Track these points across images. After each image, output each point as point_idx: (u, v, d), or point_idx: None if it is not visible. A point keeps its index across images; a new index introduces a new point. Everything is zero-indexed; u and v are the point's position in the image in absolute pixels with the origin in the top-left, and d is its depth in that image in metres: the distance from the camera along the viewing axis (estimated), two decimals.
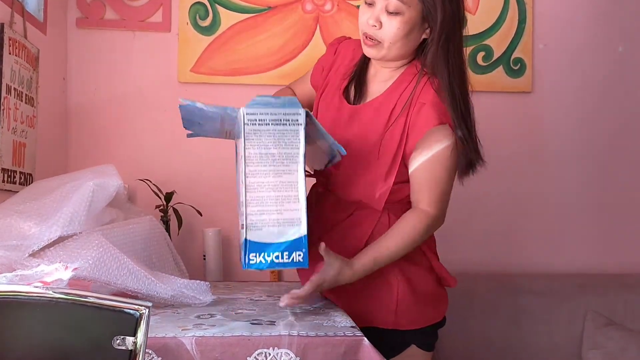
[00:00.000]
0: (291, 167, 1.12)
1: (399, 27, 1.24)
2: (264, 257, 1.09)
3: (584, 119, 2.26)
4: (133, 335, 0.82)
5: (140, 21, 2.10)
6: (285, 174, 1.11)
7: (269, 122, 1.14)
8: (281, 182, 1.11)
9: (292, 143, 1.12)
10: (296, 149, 1.12)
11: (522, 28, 2.21)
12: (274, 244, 1.10)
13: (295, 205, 1.11)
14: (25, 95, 1.67)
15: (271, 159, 1.12)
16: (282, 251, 1.10)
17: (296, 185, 1.12)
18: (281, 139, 1.12)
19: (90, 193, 1.20)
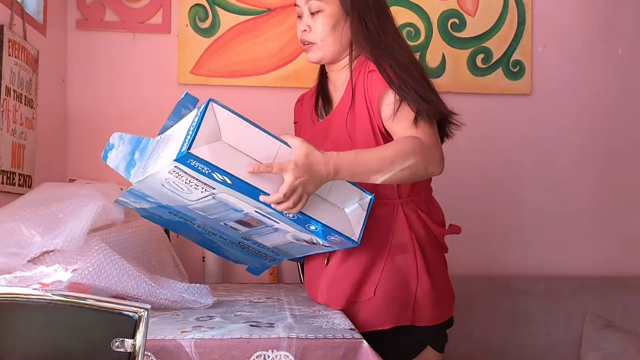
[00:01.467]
0: (162, 141, 1.20)
1: (323, 23, 1.34)
2: (188, 141, 1.05)
3: (583, 121, 2.26)
4: (132, 338, 0.82)
5: (140, 23, 2.10)
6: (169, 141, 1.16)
7: (145, 162, 1.22)
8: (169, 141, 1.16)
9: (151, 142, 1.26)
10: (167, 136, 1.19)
11: (522, 30, 2.22)
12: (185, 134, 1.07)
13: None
14: (25, 97, 1.67)
15: (153, 153, 1.20)
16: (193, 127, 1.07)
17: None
18: (149, 153, 1.22)
19: (95, 213, 1.21)
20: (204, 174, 1.05)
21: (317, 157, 1.11)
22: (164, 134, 1.20)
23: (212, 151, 1.03)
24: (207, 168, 1.03)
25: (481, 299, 2.06)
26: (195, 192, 1.12)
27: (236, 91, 2.13)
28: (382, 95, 1.28)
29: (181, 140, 1.05)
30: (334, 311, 1.27)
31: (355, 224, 1.19)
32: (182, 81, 2.11)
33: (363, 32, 1.33)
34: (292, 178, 1.07)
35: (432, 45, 2.18)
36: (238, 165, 1.05)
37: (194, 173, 1.05)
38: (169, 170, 1.07)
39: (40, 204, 1.23)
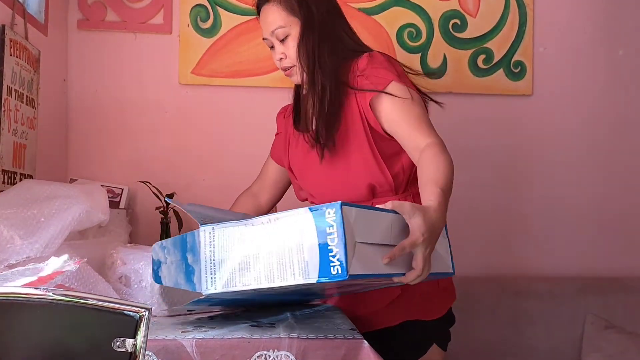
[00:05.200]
0: (248, 233, 0.98)
1: (294, 45, 1.37)
2: (333, 260, 0.90)
3: (584, 122, 2.26)
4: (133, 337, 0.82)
5: (141, 23, 2.11)
6: (256, 238, 0.98)
7: (212, 263, 1.01)
8: (265, 244, 0.96)
9: (229, 235, 1.00)
10: (233, 230, 1.00)
11: (523, 31, 2.22)
12: (320, 249, 0.92)
13: (283, 225, 0.95)
14: (26, 97, 1.68)
15: (246, 257, 0.97)
16: (324, 238, 0.91)
17: (266, 222, 0.97)
18: (227, 248, 1.00)
19: (78, 217, 1.19)
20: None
21: (432, 216, 1.04)
22: (224, 225, 1.02)
23: (359, 260, 0.92)
24: (352, 279, 0.92)
25: (482, 299, 2.06)
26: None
27: (237, 91, 2.13)
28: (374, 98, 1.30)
29: (315, 255, 0.91)
30: (334, 311, 1.27)
31: (445, 255, 1.11)
32: (183, 81, 2.11)
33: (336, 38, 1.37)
34: (423, 250, 1.01)
35: (434, 45, 2.18)
36: (375, 261, 0.96)
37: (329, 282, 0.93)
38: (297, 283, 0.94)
39: (21, 204, 1.20)
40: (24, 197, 1.22)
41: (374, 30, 2.15)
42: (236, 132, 2.15)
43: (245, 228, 0.98)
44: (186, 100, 2.13)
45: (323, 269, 0.91)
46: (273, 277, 0.94)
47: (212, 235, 1.01)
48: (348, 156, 1.34)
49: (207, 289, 1.00)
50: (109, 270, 1.29)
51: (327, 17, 1.38)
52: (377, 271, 0.95)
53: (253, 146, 2.15)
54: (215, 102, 2.14)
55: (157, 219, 1.97)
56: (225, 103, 2.14)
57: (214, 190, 2.10)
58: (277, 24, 1.37)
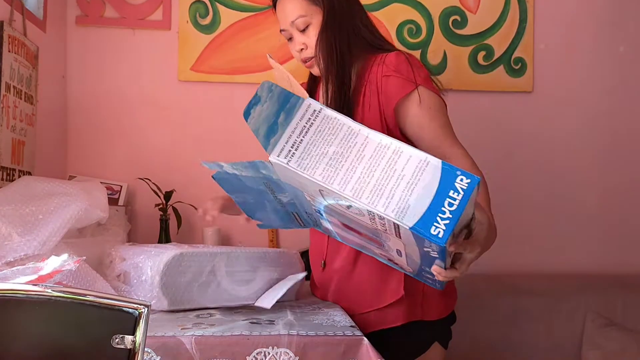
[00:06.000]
0: (359, 139, 0.90)
1: (316, 34, 1.33)
2: (439, 221, 0.84)
3: (585, 119, 2.26)
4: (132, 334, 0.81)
5: (140, 19, 2.10)
6: (365, 149, 0.89)
7: (300, 138, 0.92)
8: (370, 159, 0.89)
9: (335, 126, 0.91)
10: (344, 125, 0.91)
11: (523, 28, 2.21)
12: (432, 203, 0.85)
13: (404, 158, 0.88)
14: (25, 93, 1.67)
15: (340, 156, 0.89)
16: (442, 198, 0.85)
17: (384, 145, 0.89)
18: (323, 136, 0.91)
19: (76, 214, 1.19)
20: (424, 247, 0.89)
21: (490, 231, 1.04)
22: (335, 113, 0.94)
23: (453, 235, 0.87)
24: (436, 246, 0.87)
25: (482, 297, 2.05)
26: (368, 223, 0.94)
27: (237, 88, 2.13)
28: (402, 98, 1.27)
29: (423, 205, 0.85)
30: (334, 308, 1.27)
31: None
32: (182, 78, 2.11)
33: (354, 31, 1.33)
34: (473, 258, 0.99)
35: (434, 42, 2.18)
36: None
37: (411, 238, 0.88)
38: (375, 214, 0.88)
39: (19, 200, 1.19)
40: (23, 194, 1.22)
41: None
42: (235, 128, 2.14)
43: (356, 130, 0.91)
44: (185, 97, 2.12)
45: (424, 222, 0.84)
46: (361, 193, 0.87)
47: (316, 115, 0.92)
48: None
49: (277, 157, 0.90)
50: (107, 269, 1.29)
51: (347, 8, 1.35)
52: (444, 256, 0.92)
53: (252, 143, 2.14)
54: (215, 98, 2.13)
55: (157, 217, 1.97)
56: (224, 100, 2.13)
57: (214, 187, 2.10)
58: (297, 13, 1.33)
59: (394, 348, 1.18)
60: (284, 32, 1.39)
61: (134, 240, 1.92)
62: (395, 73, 1.28)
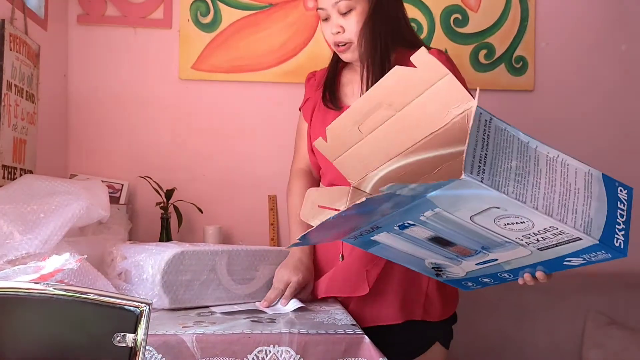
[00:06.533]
0: (530, 153, 0.88)
1: (357, 21, 1.32)
2: (618, 232, 0.87)
3: (587, 118, 2.25)
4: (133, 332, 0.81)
5: (141, 18, 2.10)
6: (539, 163, 0.87)
7: (483, 152, 0.84)
8: (547, 173, 0.87)
9: (507, 138, 0.88)
10: (514, 137, 0.88)
11: (525, 26, 2.21)
12: (608, 216, 0.87)
13: (572, 170, 0.88)
14: (26, 92, 1.67)
15: (522, 171, 0.86)
16: (614, 210, 0.88)
17: (552, 158, 0.88)
18: (502, 148, 0.87)
19: (78, 213, 1.19)
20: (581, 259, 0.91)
21: None
22: (504, 123, 0.90)
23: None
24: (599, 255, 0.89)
25: (484, 295, 2.04)
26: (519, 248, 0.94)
27: (237, 87, 2.13)
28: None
29: (601, 219, 0.87)
30: (335, 307, 1.27)
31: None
32: (183, 76, 2.11)
33: (370, 30, 1.33)
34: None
35: (435, 40, 2.17)
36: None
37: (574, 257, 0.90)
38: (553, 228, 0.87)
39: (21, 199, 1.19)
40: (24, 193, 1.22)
41: None
42: (236, 127, 2.14)
43: (525, 141, 0.88)
44: (186, 96, 2.12)
45: (607, 235, 0.86)
46: (552, 209, 0.85)
47: (489, 125, 0.87)
48: None
49: (470, 174, 0.81)
50: (109, 268, 1.29)
51: (393, 1, 1.36)
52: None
53: (253, 141, 2.15)
54: (216, 97, 2.13)
55: (157, 215, 1.97)
56: (225, 98, 2.13)
57: (215, 186, 2.10)
58: None
59: (394, 346, 1.18)
60: (321, 11, 1.36)
61: (135, 239, 1.92)
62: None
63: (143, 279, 1.19)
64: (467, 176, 0.81)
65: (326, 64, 1.52)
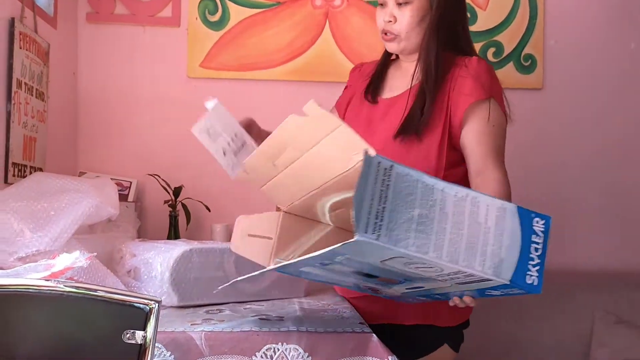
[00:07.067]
0: (436, 196, 0.84)
1: (411, 15, 1.31)
2: (531, 268, 0.86)
3: (595, 116, 2.24)
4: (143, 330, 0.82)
5: (150, 16, 2.10)
6: (445, 206, 0.84)
7: (381, 206, 0.81)
8: (453, 216, 0.84)
9: (410, 185, 0.83)
10: (418, 182, 0.84)
11: (533, 24, 2.20)
12: (521, 252, 0.85)
13: (483, 208, 0.85)
14: (36, 90, 1.68)
15: (425, 219, 0.82)
16: (528, 245, 0.86)
17: (461, 197, 0.85)
18: (402, 197, 0.82)
19: (87, 211, 1.20)
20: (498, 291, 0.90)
21: None
22: (406, 169, 0.84)
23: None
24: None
25: None
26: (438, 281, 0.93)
27: (245, 85, 2.13)
28: (476, 109, 1.28)
29: (513, 256, 0.85)
30: (343, 305, 1.27)
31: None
32: (191, 75, 2.11)
33: (434, 36, 1.31)
34: None
35: None
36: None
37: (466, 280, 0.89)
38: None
39: (32, 197, 1.20)
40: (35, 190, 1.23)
41: None
42: None
43: (431, 184, 0.83)
44: (195, 94, 2.13)
45: (519, 274, 0.85)
46: (457, 256, 0.82)
47: (389, 174, 0.82)
48: (420, 143, 1.30)
49: (364, 234, 0.78)
50: (118, 265, 1.29)
51: (455, 7, 1.35)
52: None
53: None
54: (224, 95, 2.12)
55: (166, 213, 1.98)
56: (233, 96, 2.14)
57: (222, 184, 2.11)
58: None
59: (400, 344, 1.17)
60: None
61: (143, 237, 1.93)
62: (473, 77, 1.28)
63: (152, 276, 1.20)
64: (360, 236, 0.78)
65: (333, 62, 1.51)
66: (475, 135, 1.28)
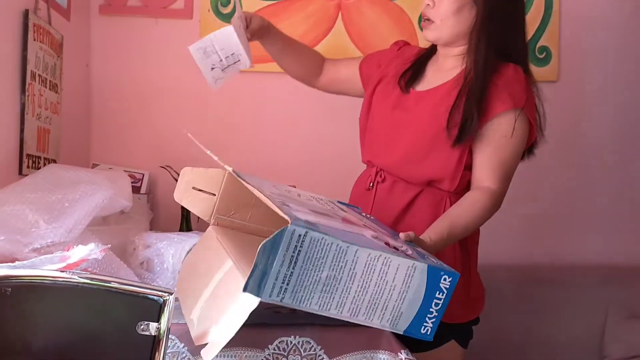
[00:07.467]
0: (349, 257, 0.89)
1: (449, 3, 1.28)
2: (428, 321, 0.95)
3: (612, 109, 2.21)
4: (157, 321, 0.82)
5: (163, 8, 2.10)
6: (356, 266, 0.90)
7: (289, 271, 0.88)
8: (362, 275, 0.91)
9: (323, 248, 0.88)
10: (332, 244, 0.88)
11: (549, 15, 2.17)
12: (421, 307, 0.94)
13: (393, 266, 0.92)
14: (50, 82, 1.69)
15: (333, 279, 0.90)
16: (430, 300, 0.94)
17: (374, 257, 0.91)
18: (313, 261, 0.88)
19: (101, 203, 1.20)
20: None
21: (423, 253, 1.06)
22: (322, 233, 0.88)
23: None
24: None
25: (503, 288, 2.04)
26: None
27: (257, 77, 2.12)
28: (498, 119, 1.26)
29: (413, 310, 0.94)
30: None
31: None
32: None
33: (484, 37, 1.28)
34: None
35: None
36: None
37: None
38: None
39: (46, 189, 1.21)
40: (49, 182, 1.24)
41: (395, 15, 2.12)
42: (256, 117, 2.14)
43: (344, 247, 0.89)
44: (207, 86, 2.13)
45: (414, 325, 0.95)
46: (358, 311, 0.92)
47: (301, 240, 0.86)
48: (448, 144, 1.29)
49: (268, 297, 0.86)
50: (131, 257, 1.30)
51: (509, 12, 1.31)
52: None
53: (273, 131, 2.14)
54: (236, 87, 2.13)
55: (178, 205, 1.98)
56: (245, 88, 2.13)
57: None
58: None
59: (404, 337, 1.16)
60: None
61: (155, 229, 1.94)
62: (504, 85, 1.26)
63: (164, 268, 1.21)
64: (266, 300, 0.86)
65: (345, 54, 1.51)
66: (492, 149, 1.26)
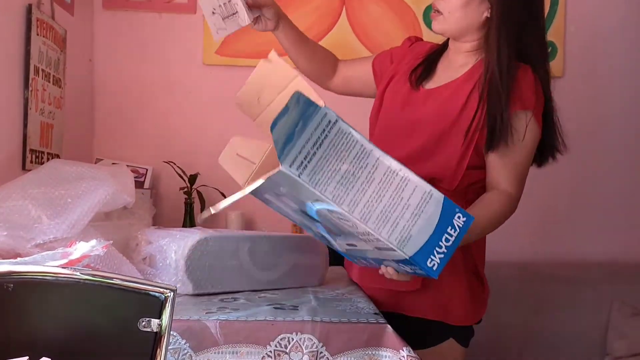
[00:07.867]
0: (370, 160, 0.90)
1: (457, 2, 1.25)
2: (435, 254, 0.92)
3: (617, 104, 2.20)
4: (158, 318, 0.82)
5: (166, 2, 2.10)
6: (375, 172, 0.90)
7: (313, 150, 0.87)
8: (379, 183, 0.90)
9: (348, 142, 0.89)
10: (357, 143, 0.90)
11: (554, 10, 2.15)
12: (431, 237, 0.92)
13: (410, 187, 0.91)
14: (53, 77, 1.69)
15: (351, 175, 0.89)
16: (441, 233, 0.92)
17: (393, 171, 0.91)
18: (337, 151, 0.89)
19: (104, 198, 1.20)
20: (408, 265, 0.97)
21: None
22: (349, 127, 0.91)
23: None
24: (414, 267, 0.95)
25: (508, 285, 2.03)
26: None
27: None
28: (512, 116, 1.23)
29: (422, 238, 0.92)
30: (358, 295, 1.27)
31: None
32: (207, 61, 2.11)
33: (496, 38, 1.24)
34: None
35: None
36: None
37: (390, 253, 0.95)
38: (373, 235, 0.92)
39: (49, 184, 1.20)
40: (52, 177, 1.24)
41: (400, 9, 2.11)
42: None
43: (368, 150, 0.90)
44: (210, 81, 2.13)
45: (422, 255, 0.91)
46: (369, 217, 0.89)
47: (330, 126, 0.88)
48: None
49: (290, 167, 0.85)
50: (133, 253, 1.30)
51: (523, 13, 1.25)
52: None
53: None
54: (240, 82, 2.11)
55: (181, 200, 1.99)
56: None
57: None
58: None
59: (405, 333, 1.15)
60: None
61: (158, 224, 1.94)
62: (517, 84, 1.24)
63: (167, 264, 1.21)
64: (284, 169, 0.85)
65: (350, 49, 1.49)
66: (500, 152, 1.24)
